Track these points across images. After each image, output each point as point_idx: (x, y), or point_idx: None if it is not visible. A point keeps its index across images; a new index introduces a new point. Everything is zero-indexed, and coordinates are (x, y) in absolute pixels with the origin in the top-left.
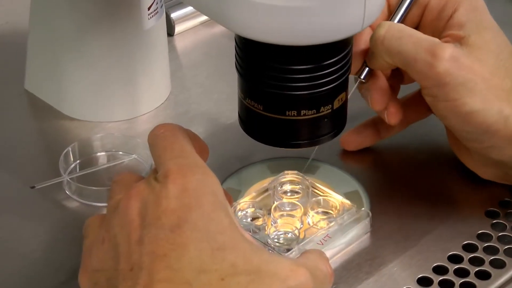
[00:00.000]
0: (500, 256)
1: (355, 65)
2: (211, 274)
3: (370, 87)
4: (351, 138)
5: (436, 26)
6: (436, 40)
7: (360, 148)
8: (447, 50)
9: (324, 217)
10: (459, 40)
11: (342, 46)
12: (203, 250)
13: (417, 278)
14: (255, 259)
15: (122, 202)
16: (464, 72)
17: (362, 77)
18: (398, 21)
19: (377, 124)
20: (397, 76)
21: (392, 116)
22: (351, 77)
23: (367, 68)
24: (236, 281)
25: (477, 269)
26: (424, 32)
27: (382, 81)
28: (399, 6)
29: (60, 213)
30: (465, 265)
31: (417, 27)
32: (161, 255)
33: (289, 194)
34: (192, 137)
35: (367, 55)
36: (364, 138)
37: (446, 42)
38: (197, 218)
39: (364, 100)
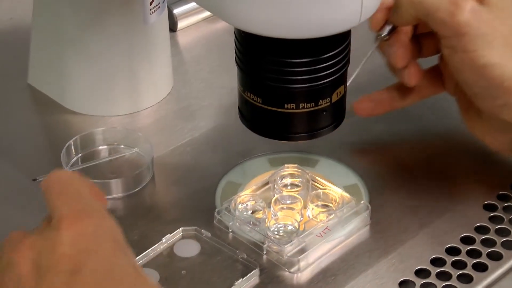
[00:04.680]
0: (498, 249)
1: (378, 21)
2: None
3: (393, 43)
4: (364, 104)
5: None
6: None
7: (372, 115)
8: (469, 3)
9: (324, 210)
10: (480, 0)
11: (341, 39)
12: None
13: (415, 270)
14: None
15: (14, 256)
16: (484, 25)
17: (385, 33)
18: None
19: (391, 92)
20: (416, 46)
21: (412, 76)
22: (352, 66)
23: (389, 26)
24: None
25: (474, 261)
26: None
27: (405, 36)
28: None
29: None
30: (462, 257)
31: None
32: None
33: (289, 187)
34: (88, 184)
35: (391, 11)
36: (377, 104)
37: None
38: (97, 262)
39: (385, 58)
